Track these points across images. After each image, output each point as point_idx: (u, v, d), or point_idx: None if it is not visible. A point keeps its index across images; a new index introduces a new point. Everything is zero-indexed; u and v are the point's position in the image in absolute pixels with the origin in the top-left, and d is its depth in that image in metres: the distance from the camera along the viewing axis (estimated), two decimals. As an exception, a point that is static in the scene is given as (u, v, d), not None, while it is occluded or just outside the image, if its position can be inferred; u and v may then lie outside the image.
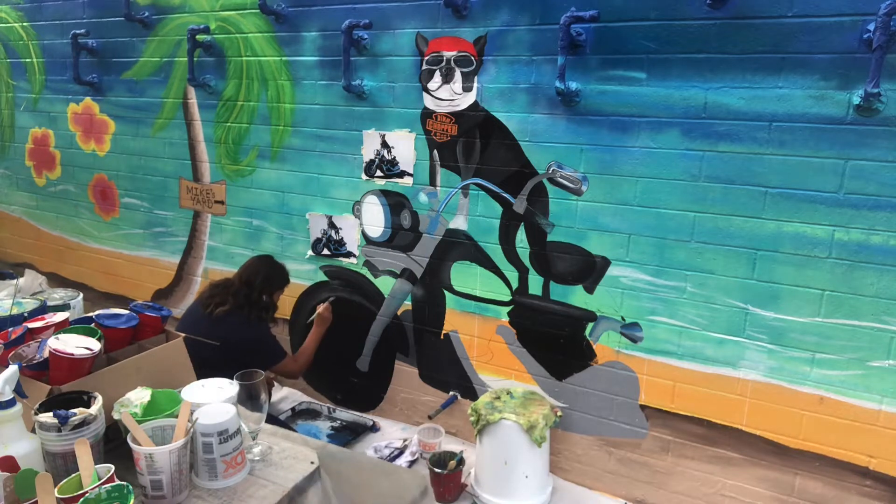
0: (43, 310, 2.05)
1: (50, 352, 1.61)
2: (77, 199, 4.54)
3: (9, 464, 1.33)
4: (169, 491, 1.41)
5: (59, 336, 1.67)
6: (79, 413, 1.42)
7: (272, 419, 3.12)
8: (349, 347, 3.56)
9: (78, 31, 4.04)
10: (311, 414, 3.59)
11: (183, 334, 1.92)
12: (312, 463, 1.63)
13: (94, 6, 4.06)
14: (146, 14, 3.81)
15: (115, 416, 1.54)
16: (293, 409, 3.59)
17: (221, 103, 3.70)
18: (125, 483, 1.27)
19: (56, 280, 4.81)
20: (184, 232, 4.06)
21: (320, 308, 3.38)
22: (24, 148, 4.73)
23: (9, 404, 1.39)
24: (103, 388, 1.56)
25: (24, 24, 4.44)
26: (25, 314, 1.98)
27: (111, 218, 4.39)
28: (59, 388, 1.56)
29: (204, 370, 1.87)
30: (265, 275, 3.19)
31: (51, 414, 1.40)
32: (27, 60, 4.51)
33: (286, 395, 3.74)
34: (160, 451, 1.38)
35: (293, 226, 3.60)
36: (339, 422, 3.51)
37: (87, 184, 4.45)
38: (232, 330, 2.96)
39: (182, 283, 4.15)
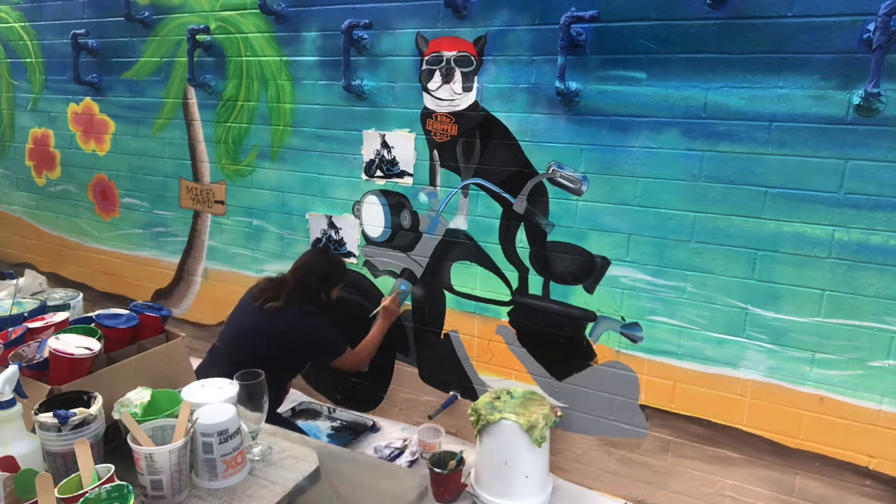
0: (43, 310, 2.05)
1: (50, 352, 1.61)
2: (77, 199, 4.54)
3: (9, 464, 1.33)
4: (169, 491, 1.41)
5: (59, 336, 1.67)
6: (79, 413, 1.42)
7: (282, 420, 3.12)
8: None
9: (78, 31, 4.04)
10: (311, 414, 3.59)
11: (182, 335, 1.92)
12: (312, 463, 1.63)
13: (94, 6, 4.06)
14: (146, 14, 3.82)
15: (116, 416, 1.54)
16: (293, 408, 3.59)
17: (221, 103, 3.70)
18: (125, 483, 1.27)
19: (56, 280, 4.81)
20: (184, 232, 4.06)
21: (385, 300, 3.26)
22: (24, 148, 4.74)
23: (8, 404, 1.39)
24: (103, 388, 1.56)
25: (24, 24, 4.44)
26: (25, 314, 1.99)
27: (111, 218, 4.40)
28: (59, 388, 1.56)
29: (260, 366, 1.77)
30: (322, 275, 3.06)
31: (51, 414, 1.40)
32: (27, 60, 4.51)
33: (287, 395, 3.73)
34: (160, 451, 1.38)
35: (293, 226, 3.60)
36: (339, 422, 3.51)
37: (87, 184, 4.45)
38: (287, 323, 2.93)
39: (182, 283, 4.15)
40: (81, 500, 1.22)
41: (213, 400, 1.58)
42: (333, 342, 3.10)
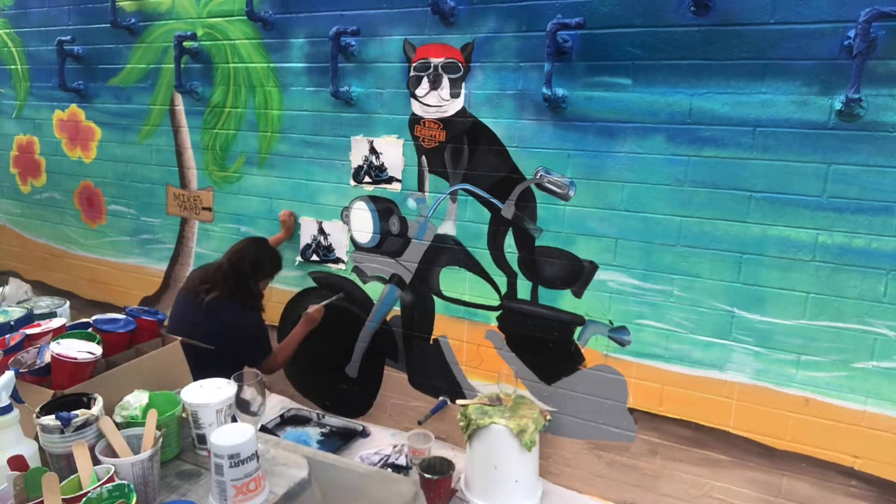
0: (29, 318, 2.04)
1: (52, 356, 1.62)
2: (63, 207, 4.51)
3: (19, 462, 1.33)
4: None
5: (59, 341, 1.68)
6: (80, 414, 1.43)
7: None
8: (338, 353, 3.56)
9: (63, 38, 4.02)
10: (300, 420, 3.58)
11: (179, 338, 1.93)
12: (302, 470, 1.63)
13: (79, 13, 4.04)
14: (132, 21, 3.81)
15: (117, 419, 1.55)
16: (281, 415, 3.58)
17: (209, 110, 3.69)
18: (126, 482, 1.28)
19: (41, 288, 4.77)
20: (171, 239, 4.05)
21: (311, 308, 3.28)
22: (8, 155, 4.70)
23: (5, 410, 1.39)
24: (103, 391, 1.58)
25: (9, 30, 4.41)
26: (12, 322, 1.98)
27: (97, 225, 4.37)
28: (63, 391, 1.57)
29: (199, 362, 1.85)
30: (253, 261, 3.00)
31: (53, 416, 1.40)
32: (12, 67, 4.48)
33: (275, 403, 3.73)
34: (123, 462, 1.38)
35: (281, 232, 3.60)
36: (328, 428, 3.50)
37: (72, 191, 4.42)
38: (226, 318, 2.88)
39: (169, 290, 4.13)
40: (84, 499, 1.22)
41: (211, 401, 1.58)
42: (267, 342, 3.07)
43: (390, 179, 3.21)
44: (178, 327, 2.95)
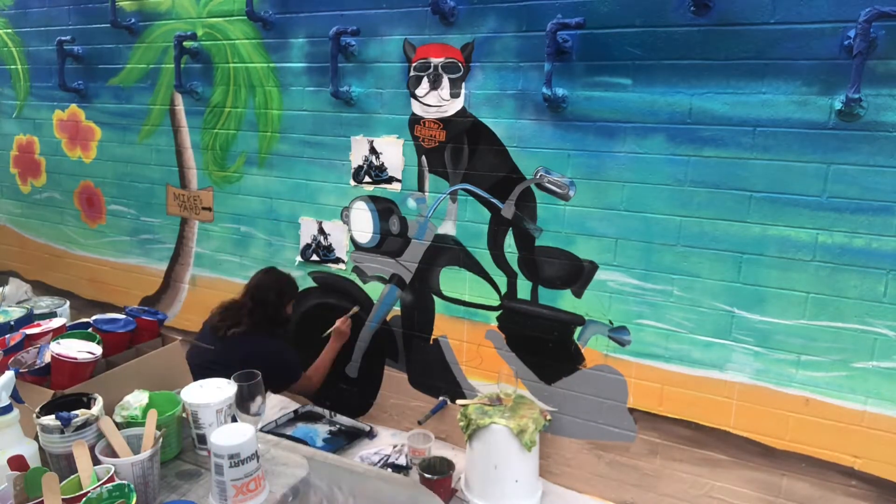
0: (29, 318, 2.04)
1: (52, 356, 1.62)
2: (63, 207, 4.51)
3: (19, 462, 1.33)
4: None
5: (59, 341, 1.68)
6: (81, 414, 1.43)
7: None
8: (338, 353, 3.55)
9: (63, 38, 4.02)
10: (313, 417, 3.56)
11: (179, 338, 1.94)
12: (302, 470, 1.63)
13: (79, 13, 4.05)
14: (132, 21, 3.81)
15: (117, 419, 1.55)
16: (295, 411, 3.56)
17: (209, 110, 3.69)
18: (126, 482, 1.28)
19: (41, 288, 4.77)
20: (171, 239, 4.05)
21: (339, 322, 3.34)
22: (8, 155, 4.70)
23: (5, 410, 1.39)
24: (103, 391, 1.58)
25: (9, 30, 4.41)
26: (12, 322, 1.98)
27: (97, 225, 4.37)
28: (63, 391, 1.57)
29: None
30: (277, 290, 3.14)
31: (53, 416, 1.41)
32: (12, 67, 4.48)
33: (275, 403, 3.71)
34: (123, 462, 1.38)
35: (281, 232, 3.60)
36: (337, 426, 3.49)
37: (72, 191, 4.42)
38: (251, 348, 2.94)
39: (169, 290, 4.13)
40: (84, 499, 1.22)
41: (212, 400, 1.58)
42: (294, 366, 3.17)
43: (390, 179, 3.21)
44: (197, 363, 2.88)
